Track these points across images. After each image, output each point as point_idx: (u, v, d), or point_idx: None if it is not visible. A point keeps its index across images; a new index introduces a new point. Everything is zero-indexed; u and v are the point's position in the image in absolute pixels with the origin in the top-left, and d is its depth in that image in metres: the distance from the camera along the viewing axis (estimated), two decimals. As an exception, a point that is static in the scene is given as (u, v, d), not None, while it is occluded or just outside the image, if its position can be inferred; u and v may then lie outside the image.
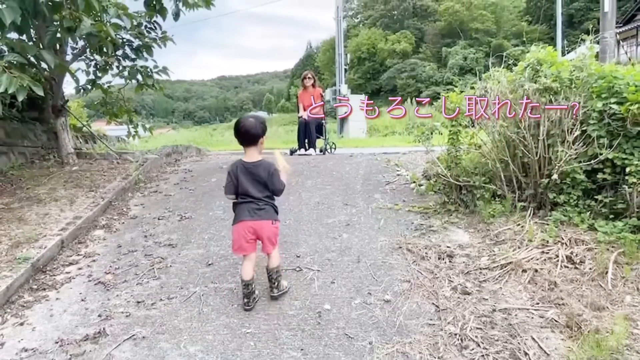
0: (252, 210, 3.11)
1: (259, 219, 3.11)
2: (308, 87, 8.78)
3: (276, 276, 3.23)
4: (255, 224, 3.10)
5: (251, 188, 3.12)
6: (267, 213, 3.15)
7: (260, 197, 3.14)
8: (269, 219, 3.15)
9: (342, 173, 6.00)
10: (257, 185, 3.14)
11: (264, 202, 3.15)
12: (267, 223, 3.14)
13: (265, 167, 3.14)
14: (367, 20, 63.30)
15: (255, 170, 3.13)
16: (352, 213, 4.66)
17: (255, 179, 3.13)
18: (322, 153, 8.55)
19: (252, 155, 3.16)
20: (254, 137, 3.13)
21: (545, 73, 4.08)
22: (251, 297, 3.14)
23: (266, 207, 3.16)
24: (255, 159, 3.16)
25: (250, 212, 3.11)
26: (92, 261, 3.97)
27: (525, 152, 4.12)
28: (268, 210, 3.16)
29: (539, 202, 4.19)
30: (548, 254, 3.53)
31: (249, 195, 3.12)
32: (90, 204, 4.83)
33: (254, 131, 3.11)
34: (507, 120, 4.27)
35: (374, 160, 6.69)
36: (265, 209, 3.15)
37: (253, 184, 3.13)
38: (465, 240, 4.00)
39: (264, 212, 3.14)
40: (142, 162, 6.39)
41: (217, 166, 6.84)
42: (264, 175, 3.12)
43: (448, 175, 4.51)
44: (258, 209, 3.12)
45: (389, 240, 4.04)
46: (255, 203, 3.13)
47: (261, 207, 3.14)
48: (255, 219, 3.11)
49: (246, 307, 3.13)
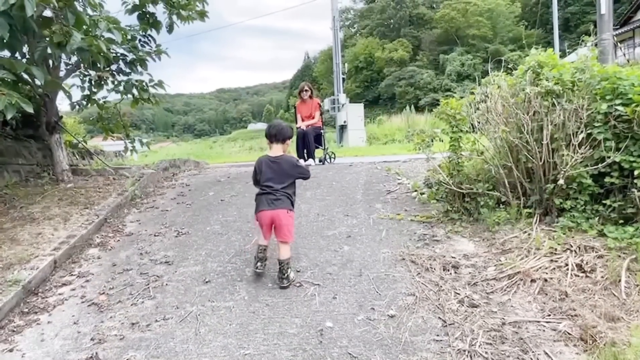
0: (270, 201, 3.55)
1: (276, 208, 3.53)
2: (305, 98, 8.70)
3: (286, 267, 3.52)
4: (272, 212, 3.53)
5: (272, 180, 3.60)
6: (283, 203, 3.57)
7: (279, 188, 3.57)
8: (284, 208, 3.56)
9: (342, 183, 5.88)
10: (278, 178, 3.60)
11: (281, 193, 3.58)
12: (283, 212, 3.54)
13: (288, 159, 3.69)
14: (363, 29, 63.54)
15: (280, 162, 3.64)
16: (353, 224, 4.54)
17: (278, 171, 3.61)
18: (322, 163, 8.44)
19: (277, 151, 3.69)
20: (283, 137, 3.70)
21: (547, 76, 3.98)
22: (263, 262, 3.61)
23: (282, 197, 3.57)
24: (279, 153, 3.69)
25: (268, 203, 3.55)
26: (86, 281, 3.85)
27: (529, 157, 4.01)
28: (284, 200, 3.58)
29: (545, 209, 4.07)
30: (557, 262, 3.40)
31: (269, 186, 3.58)
32: (84, 222, 4.71)
33: (285, 131, 3.71)
34: (509, 124, 4.17)
35: (374, 169, 6.59)
36: (282, 199, 3.57)
37: (274, 176, 3.60)
38: (470, 249, 3.87)
39: (280, 202, 3.56)
40: (138, 177, 6.28)
41: (215, 179, 6.73)
42: (288, 166, 3.65)
43: (450, 183, 4.39)
44: (275, 199, 3.55)
45: (392, 251, 3.92)
46: (273, 194, 3.55)
47: (278, 197, 3.56)
48: (273, 209, 3.53)
49: (257, 269, 3.58)
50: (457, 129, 4.39)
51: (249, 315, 3.17)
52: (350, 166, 7.24)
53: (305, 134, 8.38)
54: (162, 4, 6.08)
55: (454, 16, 49.37)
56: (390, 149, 17.83)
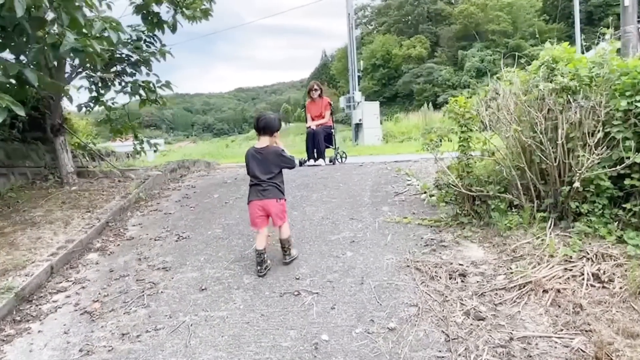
0: (259, 192, 3.71)
1: (264, 198, 3.69)
2: (315, 98, 8.54)
3: (287, 245, 3.79)
4: (262, 202, 3.69)
5: (257, 170, 3.72)
6: (271, 192, 3.71)
7: (265, 179, 3.71)
8: (273, 197, 3.71)
9: (349, 184, 5.71)
10: (263, 169, 3.71)
11: (268, 184, 3.71)
12: (272, 201, 3.70)
13: (274, 150, 3.77)
14: (381, 26, 63.02)
15: (264, 154, 3.74)
16: (358, 228, 4.36)
17: (262, 161, 3.73)
18: (332, 163, 8.27)
19: (263, 142, 3.78)
20: (271, 129, 3.78)
21: (562, 71, 3.74)
22: (263, 265, 3.68)
23: (269, 187, 3.71)
24: (265, 144, 3.77)
25: (257, 193, 3.71)
26: (82, 288, 3.76)
27: (543, 158, 3.77)
28: (272, 190, 3.72)
29: (561, 212, 3.83)
30: (572, 271, 3.18)
31: (256, 177, 3.73)
32: (85, 226, 4.64)
33: (272, 124, 3.79)
34: (521, 123, 3.94)
35: (384, 170, 6.39)
36: (269, 189, 3.71)
37: (259, 167, 3.72)
38: (479, 256, 3.66)
39: (268, 192, 3.70)
40: (144, 179, 6.21)
41: (222, 181, 6.62)
42: (273, 157, 3.74)
43: (459, 185, 4.18)
44: (263, 190, 3.70)
45: (396, 258, 3.73)
46: (260, 185, 3.70)
47: (265, 188, 3.70)
48: (262, 199, 3.69)
49: (259, 273, 3.66)
50: (466, 129, 4.17)
51: (243, 326, 3.03)
52: (361, 166, 7.05)
53: (315, 134, 8.22)
54: (166, 3, 5.98)
55: (473, 11, 48.54)
56: (405, 147, 17.54)
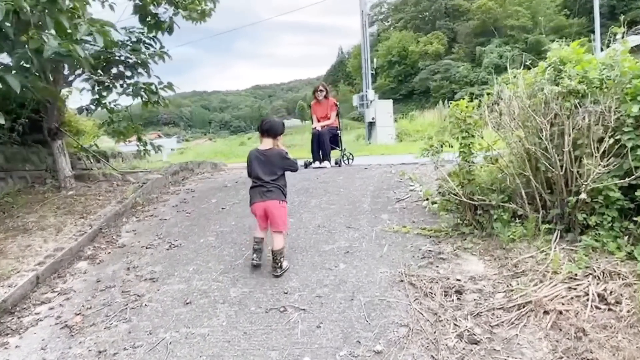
0: (262, 193, 3.68)
1: (267, 199, 3.67)
2: (321, 99, 8.35)
3: (279, 257, 3.67)
4: (265, 204, 3.68)
5: (261, 172, 3.71)
6: (275, 194, 3.70)
7: (269, 180, 3.69)
8: (276, 199, 3.70)
9: (350, 190, 5.53)
10: (267, 170, 3.71)
11: (272, 185, 3.70)
12: (275, 203, 3.69)
13: (277, 152, 3.78)
14: (397, 23, 62.40)
15: (268, 156, 3.74)
16: (354, 238, 4.18)
17: (266, 164, 3.72)
18: (338, 165, 8.08)
19: (266, 145, 3.78)
20: (275, 132, 3.80)
21: (570, 73, 3.51)
22: (259, 254, 3.74)
23: (273, 189, 3.70)
24: (268, 147, 3.77)
25: (260, 195, 3.69)
26: (66, 299, 3.67)
27: (548, 167, 3.54)
28: (275, 191, 3.71)
29: (567, 224, 3.60)
30: (576, 290, 2.95)
31: (259, 179, 3.70)
32: (76, 233, 4.56)
33: (276, 127, 3.82)
34: (525, 129, 3.71)
35: (387, 174, 6.19)
36: (273, 191, 3.70)
37: (263, 168, 3.71)
38: (479, 270, 3.45)
39: (272, 193, 3.69)
40: (142, 183, 6.12)
41: (222, 185, 6.50)
42: (277, 159, 3.75)
43: (460, 194, 3.97)
44: (267, 191, 3.68)
45: (391, 271, 3.54)
46: (264, 186, 3.68)
47: (269, 189, 3.69)
48: (265, 200, 3.68)
49: (253, 262, 3.73)
50: (467, 134, 3.95)
51: (223, 345, 2.89)
52: (365, 169, 6.86)
53: (320, 135, 8.04)
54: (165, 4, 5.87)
55: (492, 6, 47.73)
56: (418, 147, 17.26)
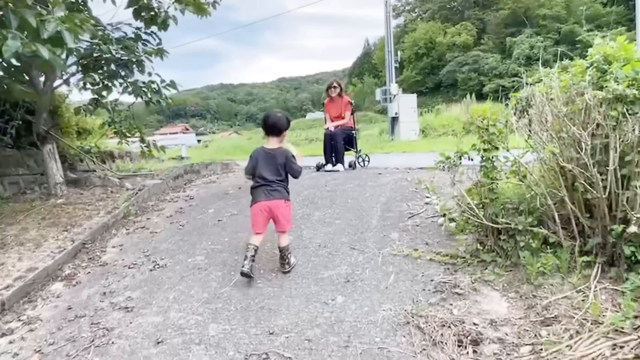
0: (267, 192, 3.59)
1: (273, 198, 3.59)
2: (334, 96, 7.81)
3: (287, 253, 3.64)
4: (270, 203, 3.58)
5: (266, 171, 3.62)
6: (280, 193, 3.63)
7: (274, 179, 3.62)
8: (281, 198, 3.63)
9: (360, 200, 5.00)
10: (273, 169, 3.62)
11: (277, 184, 3.62)
12: (281, 202, 3.62)
13: (283, 152, 3.67)
14: (424, 13, 61.05)
15: (274, 155, 3.65)
16: (358, 262, 3.67)
17: (272, 163, 3.63)
18: (352, 168, 7.54)
19: (273, 143, 3.71)
20: (279, 129, 3.70)
21: (617, 75, 2.89)
22: (249, 262, 3.48)
23: (279, 188, 3.63)
24: (275, 146, 3.69)
25: (266, 194, 3.59)
26: (30, 330, 3.27)
27: (588, 187, 2.94)
28: (281, 191, 3.64)
29: (611, 257, 3.00)
30: (622, 349, 2.37)
31: (263, 177, 3.60)
32: (55, 249, 4.18)
33: (280, 123, 3.70)
34: (560, 141, 3.11)
35: (403, 181, 5.63)
36: (279, 190, 3.63)
37: (269, 168, 3.62)
38: (501, 312, 2.89)
39: (277, 192, 3.61)
40: (139, 189, 5.73)
41: (224, 191, 6.06)
42: (282, 160, 3.64)
43: (481, 215, 3.40)
44: (272, 190, 3.60)
45: (396, 309, 3.02)
46: (269, 185, 3.60)
47: (275, 188, 3.61)
48: (270, 199, 3.58)
49: (243, 269, 3.45)
50: (490, 146, 3.37)
51: (189, 403, 2.43)
52: (379, 175, 6.32)
53: (333, 136, 7.51)
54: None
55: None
56: (441, 143, 16.51)
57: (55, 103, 6.33)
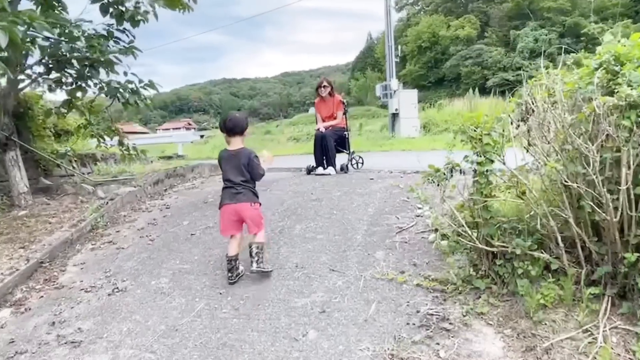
0: (232, 195, 3.51)
1: (238, 202, 3.50)
2: (325, 96, 7.38)
3: (260, 250, 3.45)
4: (236, 206, 3.49)
5: (231, 174, 3.55)
6: (245, 196, 3.52)
7: (239, 182, 3.52)
8: (247, 201, 3.52)
9: (346, 212, 4.60)
10: (237, 171, 3.53)
11: (242, 187, 3.52)
12: (246, 205, 3.51)
13: (246, 154, 3.57)
14: (427, 7, 60.21)
15: (237, 156, 3.55)
16: (337, 288, 3.27)
17: (236, 164, 3.54)
18: (344, 171, 7.13)
19: (235, 144, 3.61)
20: (241, 129, 3.61)
21: (630, 78, 2.47)
22: (234, 272, 3.44)
23: (243, 191, 3.52)
24: (238, 147, 3.60)
25: (230, 197, 3.52)
26: (-37, 371, 2.91)
27: (595, 209, 2.53)
28: (246, 193, 3.53)
29: (623, 288, 2.60)
30: (639, 412, 1.97)
31: (229, 180, 3.55)
32: (6, 270, 3.81)
33: (240, 124, 3.61)
34: (563, 154, 2.70)
35: (394, 189, 5.23)
36: (243, 193, 3.51)
37: (233, 170, 3.54)
38: (495, 353, 2.49)
39: (242, 195, 3.51)
40: (111, 198, 5.35)
41: (203, 200, 5.67)
42: (245, 160, 3.53)
43: (474, 237, 2.99)
44: (237, 193, 3.51)
45: (375, 348, 2.62)
46: (234, 188, 3.52)
47: (239, 191, 3.51)
48: (235, 203, 3.50)
49: (230, 280, 3.43)
50: (485, 159, 2.96)
51: None
52: (371, 180, 5.92)
53: (324, 138, 7.10)
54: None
55: (527, -13, 45.23)
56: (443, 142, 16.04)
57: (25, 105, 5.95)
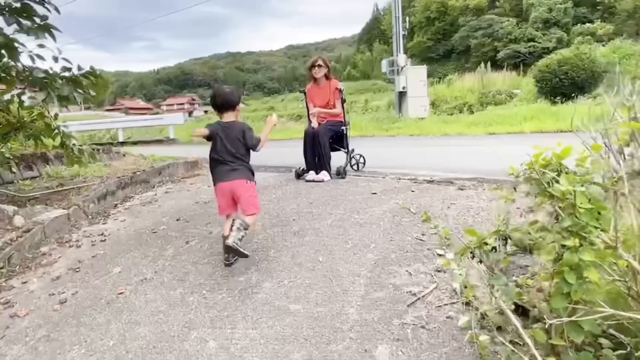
0: (226, 172, 3.30)
1: (233, 179, 3.27)
2: (319, 79, 5.98)
3: (239, 227, 3.08)
4: (231, 184, 3.28)
5: (226, 147, 3.28)
6: (241, 173, 3.31)
7: (233, 156, 3.29)
8: (242, 178, 3.30)
9: (335, 259, 3.27)
10: (231, 144, 3.29)
11: (237, 163, 3.30)
12: (242, 182, 3.29)
13: (240, 125, 3.38)
14: (437, -25, 57.43)
15: (231, 128, 3.33)
16: None
17: (230, 137, 3.30)
18: (341, 176, 5.79)
19: (228, 117, 3.38)
20: (231, 104, 3.38)
21: None
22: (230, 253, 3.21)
23: (239, 167, 3.31)
24: (231, 119, 3.39)
25: (225, 174, 3.30)
26: None
27: None
28: (241, 170, 3.32)
29: None
30: None
31: (222, 155, 3.29)
32: None
33: (232, 99, 3.38)
34: None
35: (403, 216, 3.88)
36: (239, 169, 3.31)
37: (227, 143, 3.29)
38: None
39: (237, 172, 3.29)
40: (27, 229, 4.03)
41: (153, 226, 4.35)
42: (239, 132, 3.32)
43: None
44: (231, 170, 3.29)
45: None
46: (228, 164, 3.29)
47: (234, 167, 3.29)
48: (230, 180, 3.27)
49: (226, 262, 3.25)
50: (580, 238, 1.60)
51: None
52: (374, 195, 4.60)
53: (316, 135, 5.73)
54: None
55: (542, -47, 42.78)
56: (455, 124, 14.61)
57: None
